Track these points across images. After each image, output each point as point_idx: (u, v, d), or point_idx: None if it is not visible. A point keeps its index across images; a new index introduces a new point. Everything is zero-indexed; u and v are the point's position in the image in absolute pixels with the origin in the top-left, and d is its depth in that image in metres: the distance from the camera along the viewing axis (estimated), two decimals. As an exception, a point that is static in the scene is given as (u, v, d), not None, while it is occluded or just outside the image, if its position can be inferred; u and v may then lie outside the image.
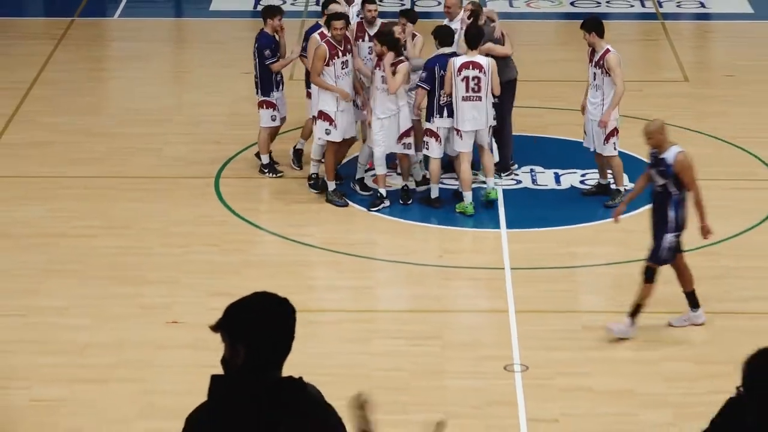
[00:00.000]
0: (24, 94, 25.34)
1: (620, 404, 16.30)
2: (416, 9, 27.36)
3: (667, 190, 16.72)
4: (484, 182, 21.31)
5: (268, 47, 21.67)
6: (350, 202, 21.07)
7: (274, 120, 21.93)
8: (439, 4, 26.75)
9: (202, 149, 22.82)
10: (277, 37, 21.87)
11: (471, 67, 20.63)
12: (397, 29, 21.28)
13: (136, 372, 15.80)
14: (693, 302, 17.33)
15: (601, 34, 20.82)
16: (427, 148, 21.17)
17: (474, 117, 20.69)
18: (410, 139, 21.20)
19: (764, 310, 17.43)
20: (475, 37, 21.01)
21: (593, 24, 21.17)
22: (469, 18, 21.52)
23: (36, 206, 21.04)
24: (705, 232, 17.39)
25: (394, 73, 20.47)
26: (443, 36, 21.30)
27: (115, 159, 22.52)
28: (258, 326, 6.98)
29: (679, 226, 16.92)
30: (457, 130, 20.78)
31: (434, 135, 20.97)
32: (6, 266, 19.23)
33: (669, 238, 16.81)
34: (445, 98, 20.81)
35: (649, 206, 17.33)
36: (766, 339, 6.96)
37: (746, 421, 6.90)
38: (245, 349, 6.88)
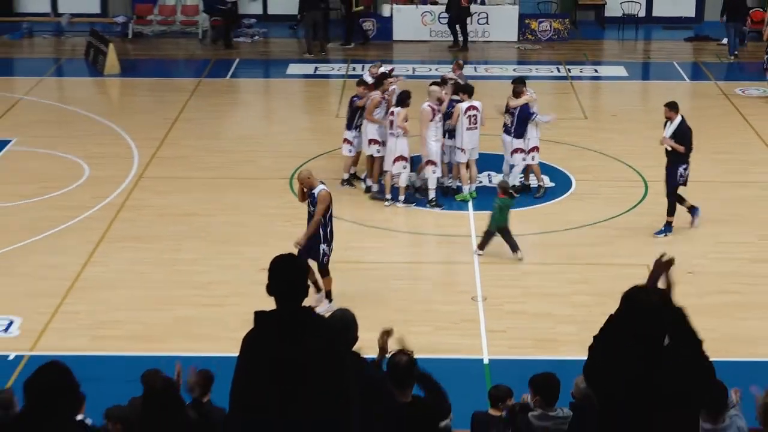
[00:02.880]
0: (171, 125, 25.36)
1: (544, 321, 16.37)
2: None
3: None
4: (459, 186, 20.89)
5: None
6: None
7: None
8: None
9: (281, 161, 22.66)
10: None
11: (472, 109, 20.35)
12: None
13: (240, 299, 15.87)
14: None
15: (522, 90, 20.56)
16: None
17: (471, 140, 20.42)
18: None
19: (634, 263, 17.43)
20: (471, 88, 20.86)
21: (520, 81, 21.12)
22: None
23: (180, 195, 21.07)
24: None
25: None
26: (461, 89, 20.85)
27: (227, 167, 22.63)
28: (283, 276, 6.92)
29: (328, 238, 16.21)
30: (461, 149, 20.36)
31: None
32: (161, 233, 19.31)
33: (322, 248, 16.19)
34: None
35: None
36: (634, 281, 6.97)
37: (617, 334, 6.63)
38: (276, 291, 6.85)
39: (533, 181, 21.08)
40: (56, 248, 18.77)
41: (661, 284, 6.85)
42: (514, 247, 18.35)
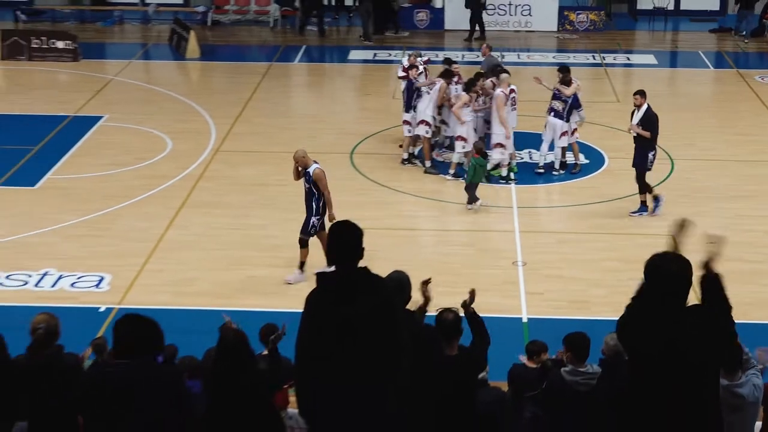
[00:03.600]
0: (245, 104, 25.43)
1: (577, 285, 16.34)
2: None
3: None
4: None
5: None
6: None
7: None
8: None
9: (342, 137, 22.70)
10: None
11: (512, 92, 20.32)
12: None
13: (293, 259, 15.92)
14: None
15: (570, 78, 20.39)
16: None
17: (512, 120, 20.35)
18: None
19: (659, 233, 17.32)
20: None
21: (567, 69, 20.93)
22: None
23: (251, 167, 21.13)
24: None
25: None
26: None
27: (293, 142, 22.61)
28: (341, 240, 6.89)
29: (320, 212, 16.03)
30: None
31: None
32: (234, 201, 19.40)
33: (313, 220, 16.05)
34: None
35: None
36: (658, 249, 6.98)
37: (645, 298, 6.71)
38: (336, 253, 6.84)
39: (570, 158, 20.90)
40: (142, 213, 18.91)
41: (704, 257, 6.84)
42: (471, 201, 18.92)
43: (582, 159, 21.30)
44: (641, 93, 18.76)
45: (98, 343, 11.47)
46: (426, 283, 8.88)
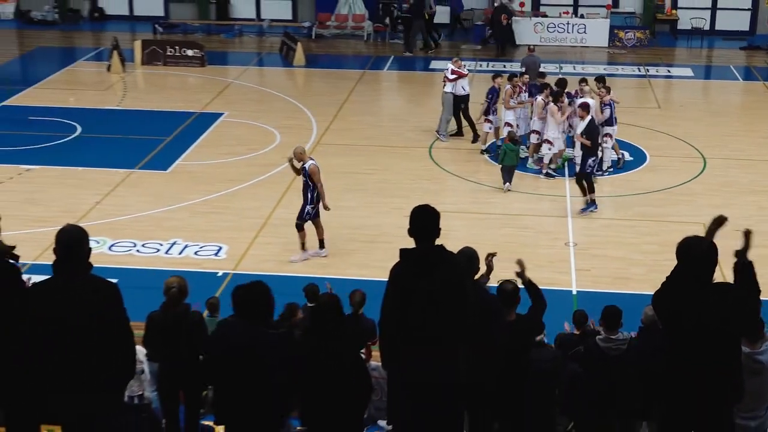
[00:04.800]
0: (341, 105, 25.48)
1: (620, 264, 16.23)
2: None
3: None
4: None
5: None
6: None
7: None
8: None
9: (421, 134, 22.60)
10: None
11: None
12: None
13: (388, 238, 15.93)
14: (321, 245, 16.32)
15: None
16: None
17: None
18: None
19: (692, 221, 17.10)
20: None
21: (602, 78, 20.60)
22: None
23: (345, 157, 21.13)
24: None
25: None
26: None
27: (381, 137, 22.70)
28: (421, 221, 6.83)
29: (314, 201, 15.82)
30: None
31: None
32: (331, 186, 18.90)
33: (308, 208, 15.87)
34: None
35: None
36: (687, 234, 6.91)
37: (677, 275, 6.67)
38: (417, 232, 6.78)
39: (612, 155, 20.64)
40: (254, 195, 19.06)
41: (740, 245, 6.81)
42: (505, 180, 19.01)
43: (627, 156, 21.04)
44: (583, 106, 18.36)
45: (212, 303, 11.66)
46: (491, 255, 8.87)
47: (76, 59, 30.76)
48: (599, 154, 18.86)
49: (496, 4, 31.96)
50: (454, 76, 21.59)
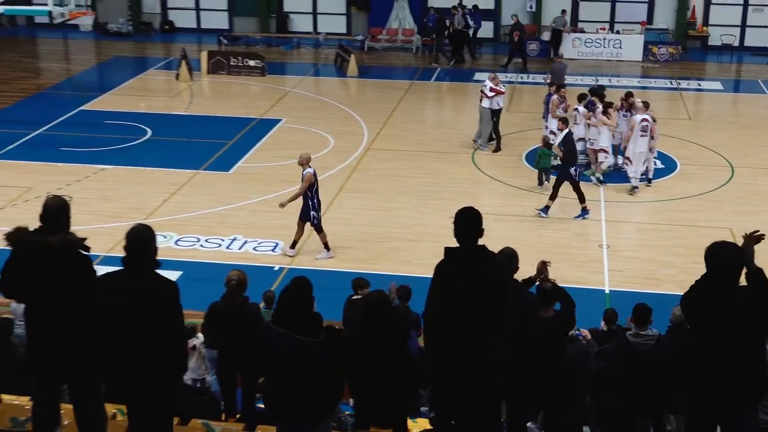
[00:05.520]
0: (390, 113, 25.48)
1: (650, 265, 16.06)
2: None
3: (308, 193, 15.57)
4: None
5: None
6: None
7: None
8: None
9: (466, 141, 22.45)
10: None
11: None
12: None
13: (433, 237, 15.90)
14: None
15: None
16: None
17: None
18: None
19: (720, 226, 16.89)
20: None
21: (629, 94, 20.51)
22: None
23: (394, 162, 21.16)
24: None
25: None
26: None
27: (428, 144, 22.66)
28: (465, 223, 6.75)
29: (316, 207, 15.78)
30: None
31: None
32: (380, 188, 19.43)
33: (313, 213, 15.76)
34: None
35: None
36: (715, 239, 6.80)
37: (706, 278, 6.66)
38: (461, 232, 6.72)
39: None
40: (309, 195, 19.12)
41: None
42: (540, 182, 19.28)
43: (658, 164, 20.80)
44: (564, 120, 18.16)
45: (268, 296, 11.69)
46: (545, 263, 8.80)
47: (148, 68, 31.09)
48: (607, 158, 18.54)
49: (512, 21, 31.81)
50: (492, 94, 21.46)
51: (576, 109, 20.13)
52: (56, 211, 6.44)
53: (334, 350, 6.51)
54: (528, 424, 8.64)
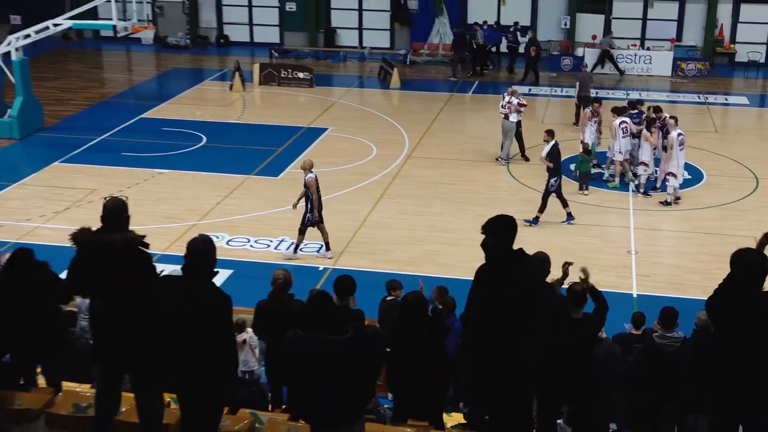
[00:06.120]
0: (431, 123, 25.46)
1: (677, 271, 15.93)
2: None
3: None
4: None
5: None
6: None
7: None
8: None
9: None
10: None
11: (623, 123, 19.83)
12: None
13: (471, 242, 15.80)
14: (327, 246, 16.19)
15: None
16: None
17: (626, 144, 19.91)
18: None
19: (744, 234, 16.66)
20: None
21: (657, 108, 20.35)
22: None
23: (434, 169, 21.15)
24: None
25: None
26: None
27: (466, 153, 22.61)
28: (496, 228, 6.71)
29: (313, 209, 15.73)
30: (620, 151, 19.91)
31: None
32: (420, 194, 19.46)
33: (308, 215, 15.70)
34: None
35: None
36: (739, 246, 6.74)
37: (729, 283, 6.65)
38: (491, 239, 6.67)
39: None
40: (352, 200, 19.18)
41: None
42: (581, 188, 19.35)
43: (686, 174, 20.57)
44: (550, 132, 17.96)
45: (314, 295, 11.67)
46: (568, 263, 8.77)
47: (204, 79, 31.35)
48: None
49: (529, 37, 31.64)
50: (522, 109, 21.36)
51: (623, 122, 19.93)
52: (115, 211, 6.52)
53: (362, 346, 6.43)
54: (558, 421, 8.60)
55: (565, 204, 17.89)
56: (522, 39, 32.35)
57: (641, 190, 19.56)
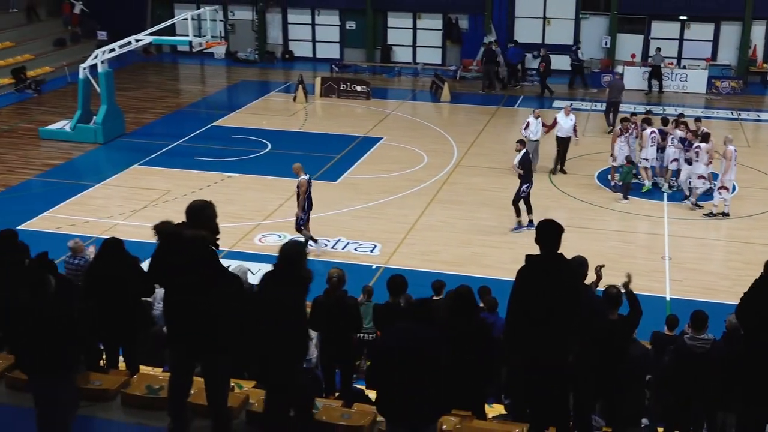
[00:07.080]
0: (478, 134, 25.33)
1: (709, 276, 15.64)
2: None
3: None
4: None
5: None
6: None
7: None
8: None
9: (543, 160, 21.96)
10: None
11: (653, 132, 19.56)
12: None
13: (511, 245, 15.72)
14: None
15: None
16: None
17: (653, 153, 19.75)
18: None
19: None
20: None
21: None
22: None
23: (480, 177, 21.03)
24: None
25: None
26: None
27: (509, 162, 22.27)
28: (544, 231, 6.72)
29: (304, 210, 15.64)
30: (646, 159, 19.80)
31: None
32: (467, 200, 19.31)
33: (300, 215, 15.57)
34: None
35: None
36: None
37: (760, 288, 6.52)
38: (543, 241, 6.62)
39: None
40: (404, 204, 19.18)
41: None
42: (624, 196, 19.07)
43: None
44: (521, 142, 17.85)
45: (368, 290, 11.71)
46: (600, 266, 8.68)
47: (270, 91, 31.61)
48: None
49: (541, 53, 31.32)
50: (546, 131, 21.38)
51: (653, 132, 19.80)
52: (197, 209, 6.60)
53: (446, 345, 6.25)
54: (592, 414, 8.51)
55: (530, 211, 17.50)
56: (582, 58, 32.08)
57: (693, 200, 19.08)
